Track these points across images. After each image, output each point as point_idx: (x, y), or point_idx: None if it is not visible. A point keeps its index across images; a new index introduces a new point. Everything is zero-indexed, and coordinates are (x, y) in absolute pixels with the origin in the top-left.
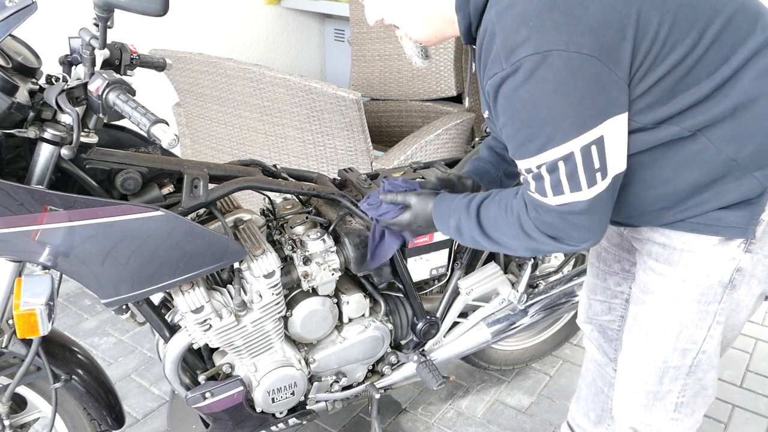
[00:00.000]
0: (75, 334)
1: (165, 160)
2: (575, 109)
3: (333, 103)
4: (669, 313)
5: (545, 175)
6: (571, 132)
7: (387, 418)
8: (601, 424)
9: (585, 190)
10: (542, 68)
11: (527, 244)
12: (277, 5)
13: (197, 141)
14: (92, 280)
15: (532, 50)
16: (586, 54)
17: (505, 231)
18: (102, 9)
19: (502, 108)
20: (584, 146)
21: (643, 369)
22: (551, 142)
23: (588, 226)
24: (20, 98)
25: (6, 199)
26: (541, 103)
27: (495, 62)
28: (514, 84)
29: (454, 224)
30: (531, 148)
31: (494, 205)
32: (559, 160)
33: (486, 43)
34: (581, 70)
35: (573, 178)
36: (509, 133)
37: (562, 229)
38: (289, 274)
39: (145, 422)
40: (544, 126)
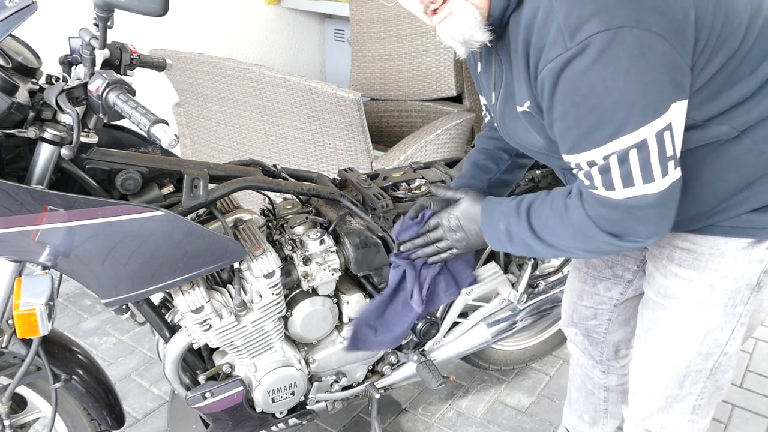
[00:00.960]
0: (75, 334)
1: (165, 160)
2: (648, 91)
3: (333, 103)
4: (695, 318)
5: (614, 167)
6: (645, 116)
7: (387, 418)
8: (596, 425)
9: (658, 180)
10: (614, 46)
11: (587, 246)
12: (277, 5)
13: (197, 141)
14: (92, 280)
15: (603, 26)
16: (655, 32)
17: (560, 233)
18: (102, 9)
19: (563, 95)
20: (659, 131)
21: (665, 374)
22: (624, 128)
23: (657, 220)
24: (20, 98)
25: (6, 199)
26: (613, 85)
27: (556, 42)
28: (581, 65)
29: (504, 228)
30: (599, 137)
31: (546, 206)
32: (631, 148)
33: (540, 22)
34: (652, 49)
35: (646, 167)
36: (570, 122)
37: (628, 226)
38: (289, 274)
39: (145, 422)
40: (616, 110)
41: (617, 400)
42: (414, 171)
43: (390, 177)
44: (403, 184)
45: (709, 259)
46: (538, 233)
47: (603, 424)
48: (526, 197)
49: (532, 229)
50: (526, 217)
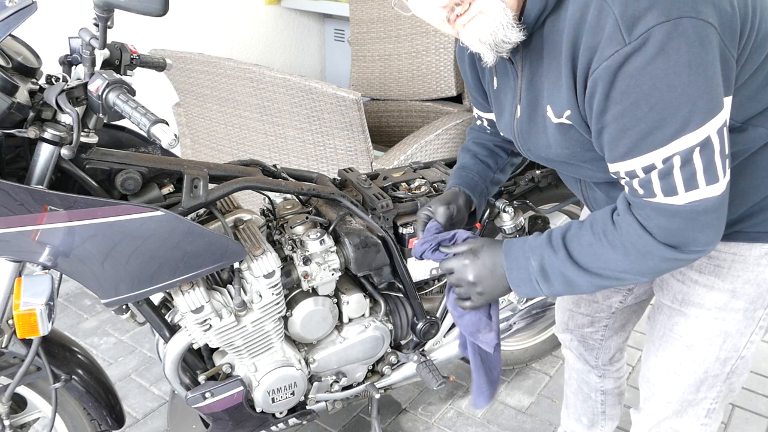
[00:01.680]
0: (75, 334)
1: (165, 160)
2: (709, 85)
3: (333, 103)
4: (715, 324)
5: (676, 169)
6: (709, 112)
7: (387, 418)
8: (595, 427)
9: (721, 180)
10: (675, 38)
11: (642, 265)
12: (277, 5)
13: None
14: (92, 280)
15: (663, 17)
16: (711, 23)
17: (609, 257)
18: (102, 9)
19: (621, 94)
20: (720, 128)
21: (682, 380)
22: (688, 125)
23: (717, 225)
24: (20, 98)
25: (6, 199)
26: (677, 79)
27: (612, 39)
28: (642, 60)
29: (536, 264)
30: (661, 137)
31: (585, 232)
32: (695, 147)
33: (591, 20)
34: (710, 40)
35: (710, 167)
36: (627, 124)
37: (688, 235)
38: (289, 274)
39: (145, 422)
40: (680, 107)
41: (614, 402)
42: (414, 171)
43: (390, 177)
44: (403, 184)
45: (731, 265)
46: (581, 263)
47: (601, 425)
48: (553, 230)
49: (573, 259)
50: (564, 248)
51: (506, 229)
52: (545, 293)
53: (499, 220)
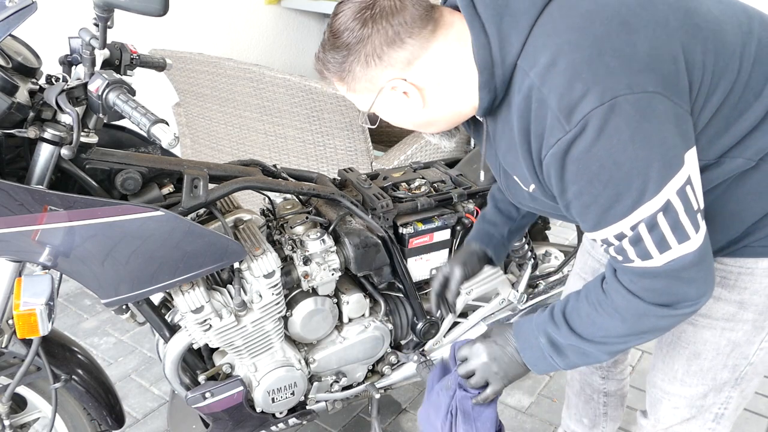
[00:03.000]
0: (75, 334)
1: (165, 160)
2: (659, 152)
3: (333, 103)
4: (722, 334)
5: (645, 235)
6: (663, 178)
7: (387, 418)
8: (596, 428)
9: (693, 236)
10: (613, 118)
11: (641, 326)
12: (277, 5)
13: (197, 141)
14: (92, 280)
15: (597, 102)
16: (651, 92)
17: (608, 325)
18: (102, 9)
19: (574, 176)
20: (680, 188)
21: (690, 388)
22: (645, 194)
23: (702, 277)
24: (20, 98)
25: (6, 199)
26: (622, 156)
27: (554, 128)
28: (585, 144)
29: (545, 341)
30: (621, 209)
31: (582, 304)
32: (658, 213)
33: (535, 111)
34: (652, 109)
35: (677, 227)
36: (587, 201)
37: (677, 292)
38: (289, 274)
39: (145, 422)
40: (632, 180)
41: (617, 404)
42: (414, 171)
43: (390, 177)
44: (403, 184)
45: (738, 277)
46: (583, 335)
47: (603, 426)
48: (555, 305)
49: (575, 332)
50: (565, 323)
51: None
52: (562, 367)
53: None
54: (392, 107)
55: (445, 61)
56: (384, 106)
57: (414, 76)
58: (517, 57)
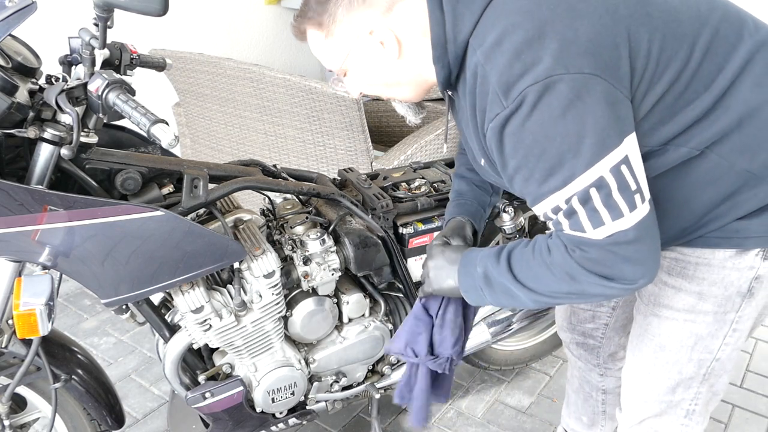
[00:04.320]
0: (75, 334)
1: (165, 160)
2: (592, 130)
3: (333, 103)
4: (684, 325)
5: (578, 208)
6: (595, 154)
7: (387, 418)
8: (595, 426)
9: (627, 215)
10: (546, 96)
11: (572, 288)
12: (277, 5)
13: (197, 141)
14: (92, 280)
15: (532, 80)
16: (588, 73)
17: (543, 276)
18: (102, 9)
19: (511, 149)
20: (613, 167)
21: (657, 381)
22: (576, 169)
23: (640, 258)
24: (20, 98)
25: (6, 199)
26: (554, 131)
27: (494, 103)
28: (519, 119)
29: (480, 272)
30: (555, 182)
31: (528, 249)
32: (590, 188)
33: (479, 87)
34: (587, 89)
35: (610, 203)
36: (525, 175)
37: (612, 265)
38: (289, 274)
39: (145, 422)
40: (564, 154)
41: (615, 402)
42: (414, 171)
43: (390, 177)
44: (403, 184)
45: (696, 267)
46: (519, 278)
47: (602, 425)
48: (507, 245)
49: (512, 272)
50: (506, 261)
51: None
52: (490, 301)
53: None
54: (367, 58)
55: (418, 13)
56: (359, 57)
57: (392, 23)
58: (469, 35)
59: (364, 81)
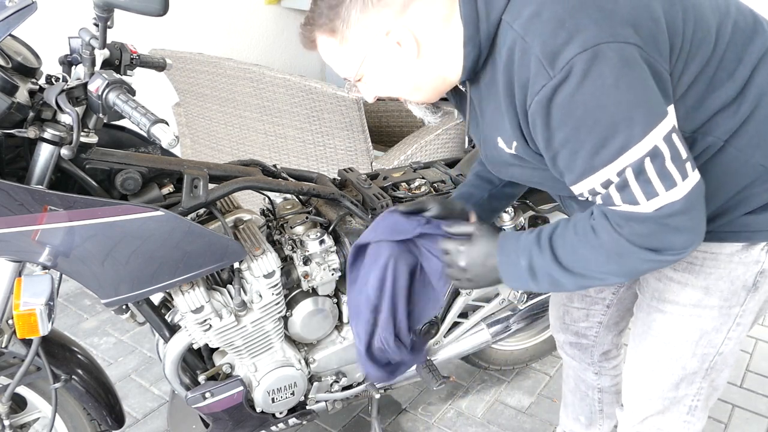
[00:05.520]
0: (75, 334)
1: (165, 160)
2: (643, 99)
3: (333, 103)
4: (690, 320)
5: (632, 181)
6: (649, 123)
7: (387, 418)
8: (593, 426)
9: (680, 184)
10: (597, 64)
11: (622, 267)
12: (277, 5)
13: (197, 141)
14: (92, 280)
15: (580, 48)
16: (633, 43)
17: (591, 259)
18: (102, 9)
19: (560, 121)
20: (666, 134)
21: (661, 377)
22: (631, 139)
23: (691, 226)
24: (20, 98)
25: (6, 199)
26: (607, 100)
27: (539, 74)
28: (569, 89)
29: (525, 264)
30: (608, 154)
31: (569, 233)
32: (645, 158)
33: (518, 60)
34: (634, 59)
35: (664, 173)
36: (574, 147)
37: (662, 238)
38: (289, 274)
39: (145, 422)
40: (618, 124)
41: (612, 401)
42: (414, 171)
43: (390, 177)
44: (403, 184)
45: (703, 262)
46: (565, 264)
47: (600, 424)
48: (544, 228)
49: (558, 260)
50: (549, 249)
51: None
52: (534, 289)
53: (499, 219)
54: (384, 61)
55: (437, 9)
56: (376, 61)
57: (409, 22)
58: (502, 12)
59: (381, 84)
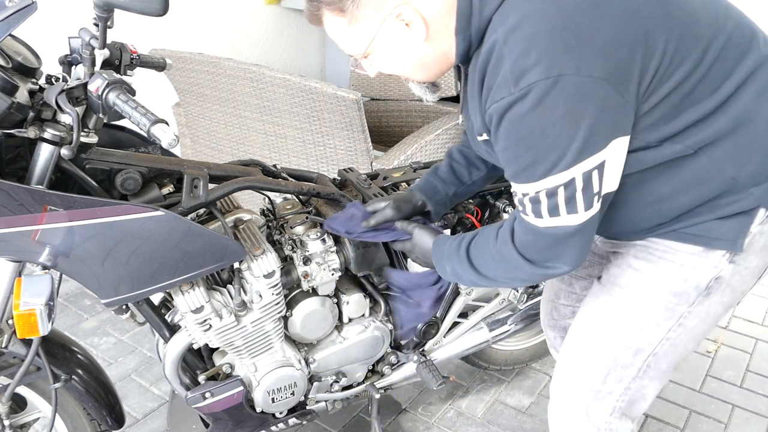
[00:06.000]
0: (75, 334)
1: (165, 160)
2: (583, 135)
3: (333, 103)
4: (634, 307)
5: (543, 199)
6: (577, 158)
7: (387, 418)
8: None
9: (581, 213)
10: (552, 94)
11: (516, 275)
12: (277, 5)
13: (197, 141)
14: (92, 280)
15: (543, 75)
16: (596, 77)
17: (493, 266)
18: (102, 9)
19: (506, 132)
20: (586, 171)
21: (589, 363)
22: (555, 168)
23: (579, 246)
24: (20, 98)
25: (6, 199)
26: (550, 129)
27: (502, 86)
28: (522, 109)
29: (450, 270)
30: (534, 174)
31: (482, 242)
32: (559, 186)
33: (492, 65)
34: (591, 94)
35: (571, 202)
36: (510, 156)
37: (550, 253)
38: (289, 274)
39: (145, 422)
40: (550, 152)
41: None
42: (414, 171)
43: (390, 177)
44: (403, 184)
45: (663, 254)
46: (479, 270)
47: None
48: (466, 236)
49: (474, 267)
50: (467, 257)
51: None
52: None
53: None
54: (392, 41)
55: None
56: (385, 41)
57: (418, 3)
58: (494, 11)
59: (387, 63)
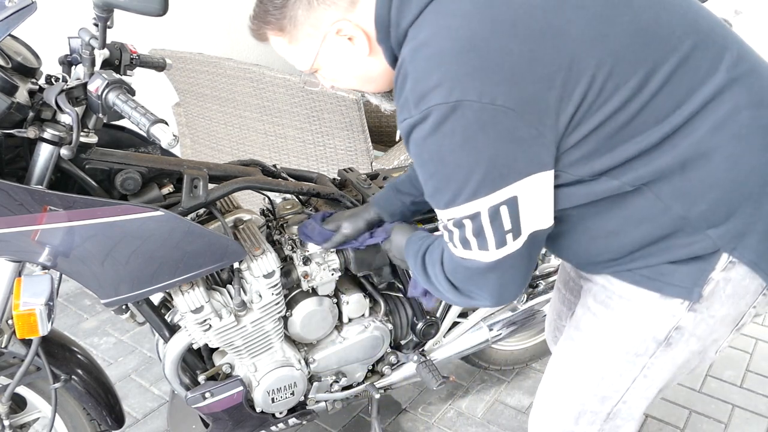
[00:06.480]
0: (75, 334)
1: (165, 160)
2: (484, 167)
3: (333, 103)
4: (593, 356)
5: (453, 229)
6: (478, 191)
7: (387, 418)
8: None
9: (492, 250)
10: (451, 120)
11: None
12: None
13: (197, 141)
14: (92, 280)
15: (442, 99)
16: (500, 105)
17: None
18: (102, 9)
19: (413, 154)
20: (492, 207)
21: (560, 406)
22: (457, 199)
23: (499, 284)
24: (20, 98)
25: (6, 199)
26: (448, 157)
27: (405, 106)
28: (422, 133)
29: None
30: (439, 201)
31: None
32: (464, 219)
33: (399, 82)
34: (493, 123)
35: (480, 237)
36: (422, 179)
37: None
38: (289, 274)
39: (145, 422)
40: (450, 182)
41: None
42: None
43: (390, 177)
44: None
45: (619, 300)
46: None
47: None
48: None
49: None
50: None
51: None
52: None
53: None
54: (337, 57)
55: None
56: (328, 57)
57: (358, 18)
58: (410, 25)
59: (335, 77)
